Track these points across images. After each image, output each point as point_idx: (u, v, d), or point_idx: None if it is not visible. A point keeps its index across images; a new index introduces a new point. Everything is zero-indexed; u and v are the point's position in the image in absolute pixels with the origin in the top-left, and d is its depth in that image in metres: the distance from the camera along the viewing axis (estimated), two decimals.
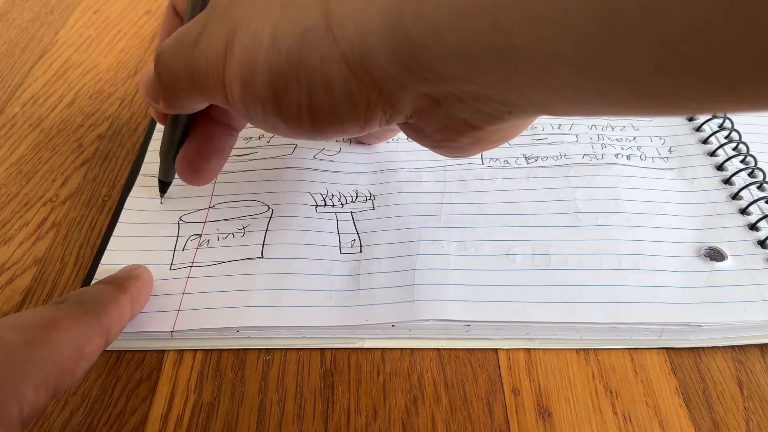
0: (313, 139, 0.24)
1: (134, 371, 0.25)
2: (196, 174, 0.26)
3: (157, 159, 0.33)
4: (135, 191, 0.31)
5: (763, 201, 0.30)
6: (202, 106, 0.23)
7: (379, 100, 0.18)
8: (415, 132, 0.21)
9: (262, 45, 0.18)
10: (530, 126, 0.32)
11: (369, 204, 0.31)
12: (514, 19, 0.14)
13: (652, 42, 0.12)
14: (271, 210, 0.30)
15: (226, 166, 0.32)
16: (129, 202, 0.31)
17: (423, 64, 0.16)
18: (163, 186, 0.30)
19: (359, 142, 0.33)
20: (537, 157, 0.33)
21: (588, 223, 0.29)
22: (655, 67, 0.12)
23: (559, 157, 0.33)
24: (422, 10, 0.15)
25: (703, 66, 0.12)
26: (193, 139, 0.26)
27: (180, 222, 0.30)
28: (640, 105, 0.14)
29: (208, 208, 0.30)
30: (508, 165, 0.32)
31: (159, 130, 0.35)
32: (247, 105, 0.19)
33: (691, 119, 0.35)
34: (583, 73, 0.14)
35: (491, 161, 0.33)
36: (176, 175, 0.28)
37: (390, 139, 0.33)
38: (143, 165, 0.33)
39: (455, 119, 0.19)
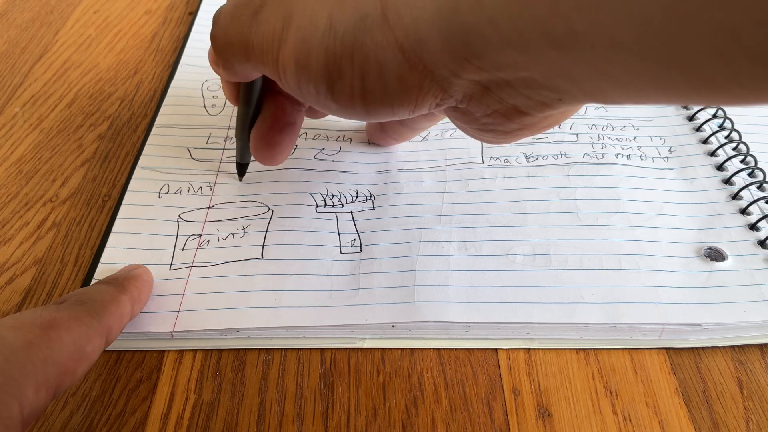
0: (363, 120, 0.25)
1: (134, 371, 0.25)
2: (271, 149, 0.27)
3: (157, 153, 0.33)
4: (133, 185, 0.31)
5: (763, 201, 0.30)
6: (256, 75, 0.24)
7: (431, 86, 0.18)
8: (464, 115, 0.21)
9: (318, 29, 0.18)
10: None
11: (369, 204, 0.31)
12: (574, 6, 0.14)
13: (715, 28, 0.12)
14: (271, 210, 0.30)
15: (227, 167, 0.32)
16: (127, 197, 0.31)
17: (477, 52, 0.16)
18: (241, 168, 0.31)
19: (371, 142, 0.33)
20: (537, 156, 0.33)
21: (588, 222, 0.29)
22: (717, 54, 0.12)
23: (560, 156, 0.33)
24: None
25: (765, 53, 0.12)
26: (265, 115, 0.27)
27: (179, 220, 0.30)
28: (695, 92, 0.14)
29: (208, 207, 0.30)
30: (508, 164, 0.32)
31: (159, 126, 0.35)
32: (300, 85, 0.20)
33: (691, 119, 0.35)
34: (641, 60, 0.14)
35: (491, 160, 0.33)
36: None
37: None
38: (141, 158, 0.33)
39: (505, 104, 0.19)
